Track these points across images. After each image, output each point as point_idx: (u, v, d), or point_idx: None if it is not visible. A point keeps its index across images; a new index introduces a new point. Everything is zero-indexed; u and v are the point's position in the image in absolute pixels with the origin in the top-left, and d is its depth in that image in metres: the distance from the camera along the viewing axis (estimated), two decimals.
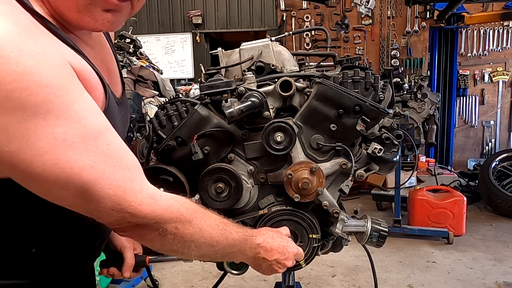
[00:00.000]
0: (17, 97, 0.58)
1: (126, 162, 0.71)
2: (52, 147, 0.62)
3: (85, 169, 0.65)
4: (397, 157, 1.20)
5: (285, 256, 0.98)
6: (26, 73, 0.59)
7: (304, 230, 1.11)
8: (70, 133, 0.63)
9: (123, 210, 0.70)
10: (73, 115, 0.64)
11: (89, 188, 0.66)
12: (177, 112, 1.10)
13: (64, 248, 0.83)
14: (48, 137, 0.62)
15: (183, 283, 3.27)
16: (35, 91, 0.60)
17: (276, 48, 1.28)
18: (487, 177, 4.87)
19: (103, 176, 0.67)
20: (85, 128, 0.65)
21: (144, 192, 0.73)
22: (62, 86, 0.63)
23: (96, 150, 0.66)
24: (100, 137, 0.67)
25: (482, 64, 6.61)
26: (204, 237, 0.83)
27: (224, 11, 6.93)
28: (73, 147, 0.64)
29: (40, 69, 0.60)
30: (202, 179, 1.09)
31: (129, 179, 0.71)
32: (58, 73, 0.63)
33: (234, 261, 1.11)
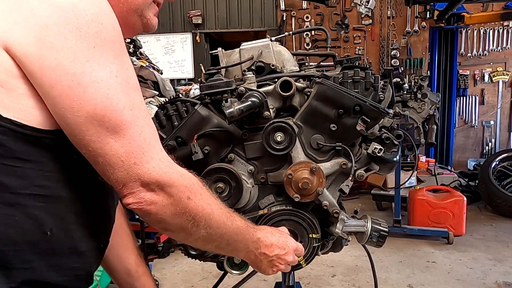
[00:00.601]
0: (94, 27, 0.68)
1: (151, 123, 0.77)
2: (107, 79, 0.69)
3: (126, 108, 0.71)
4: (397, 157, 1.20)
5: (285, 251, 0.99)
6: (104, 11, 0.71)
7: (304, 230, 1.11)
8: (121, 74, 0.71)
9: (144, 164, 0.72)
10: (125, 62, 0.73)
11: (124, 128, 0.71)
12: (177, 112, 1.11)
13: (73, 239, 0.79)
14: (106, 69, 0.69)
15: (183, 283, 3.27)
16: (107, 28, 0.70)
17: (276, 48, 1.28)
18: (487, 177, 4.87)
19: (137, 123, 0.72)
20: (129, 78, 0.73)
21: (164, 153, 0.77)
22: (121, 36, 0.74)
23: (134, 99, 0.73)
24: (137, 91, 0.75)
25: (482, 64, 6.61)
26: (213, 213, 0.83)
27: (224, 11, 6.93)
28: (121, 86, 0.71)
29: (113, 16, 0.73)
30: (202, 179, 1.09)
31: (154, 137, 0.76)
32: (119, 27, 0.74)
33: (234, 260, 1.11)
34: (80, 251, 0.81)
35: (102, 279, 2.73)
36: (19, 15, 0.66)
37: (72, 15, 0.67)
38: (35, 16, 0.66)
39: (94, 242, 0.86)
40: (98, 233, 0.88)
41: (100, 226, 0.88)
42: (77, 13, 0.67)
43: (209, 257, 1.20)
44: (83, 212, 0.80)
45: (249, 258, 0.99)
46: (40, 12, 0.66)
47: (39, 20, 0.66)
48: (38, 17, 0.66)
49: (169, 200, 0.76)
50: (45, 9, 0.66)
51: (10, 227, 0.69)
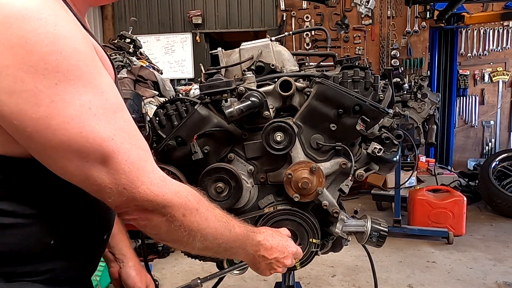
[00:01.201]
0: (53, 60, 0.60)
1: (139, 141, 0.72)
2: (78, 114, 0.62)
3: (106, 140, 0.65)
4: (397, 157, 1.20)
5: (285, 254, 0.98)
6: (62, 37, 0.61)
7: (305, 233, 1.11)
8: (94, 103, 0.64)
9: (134, 189, 0.70)
10: (98, 86, 0.65)
11: (108, 160, 0.66)
12: (177, 111, 1.11)
13: (77, 239, 0.82)
14: (75, 104, 0.62)
15: (183, 283, 3.27)
16: (69, 56, 0.61)
17: (276, 48, 1.28)
18: (487, 177, 4.87)
19: (121, 150, 0.67)
20: (107, 101, 0.66)
21: (156, 173, 0.73)
22: (91, 56, 0.65)
23: (115, 124, 0.67)
24: (118, 113, 0.68)
25: (482, 64, 6.61)
26: (209, 227, 0.82)
27: (224, 11, 6.93)
28: (97, 117, 0.64)
29: (74, 35, 0.62)
30: (202, 178, 1.09)
31: (143, 158, 0.71)
32: (87, 43, 0.65)
33: (233, 259, 1.11)
34: (83, 249, 0.84)
35: (102, 279, 2.73)
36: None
37: (24, 52, 0.59)
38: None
39: (97, 236, 0.89)
40: (101, 227, 0.90)
41: (101, 222, 0.89)
42: (30, 49, 0.59)
43: (209, 257, 1.20)
44: (84, 215, 0.81)
45: (248, 259, 0.99)
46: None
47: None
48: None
49: (163, 218, 0.75)
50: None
51: (13, 245, 0.71)
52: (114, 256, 1.13)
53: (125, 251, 1.13)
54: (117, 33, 5.66)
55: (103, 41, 6.97)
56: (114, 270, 1.14)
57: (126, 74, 3.48)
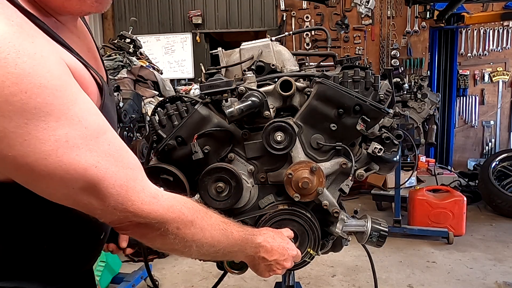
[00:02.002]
0: (17, 101, 0.57)
1: (127, 161, 0.71)
2: (55, 149, 0.61)
3: (89, 169, 0.65)
4: (397, 157, 1.20)
5: (285, 257, 0.98)
6: (24, 75, 0.58)
7: (306, 233, 1.10)
8: (71, 134, 0.63)
9: (125, 210, 0.70)
10: (73, 117, 0.63)
11: (93, 188, 0.66)
12: (177, 111, 1.10)
13: (73, 242, 0.83)
14: (50, 140, 0.61)
15: (183, 283, 3.27)
16: (35, 93, 0.58)
17: (276, 48, 1.28)
18: (487, 177, 4.87)
19: (107, 176, 0.67)
20: (86, 129, 0.65)
21: (146, 191, 0.73)
22: (61, 86, 0.62)
23: (98, 150, 0.66)
24: (101, 137, 0.67)
25: (482, 64, 6.60)
26: (205, 237, 0.83)
27: (224, 11, 6.93)
28: (76, 148, 0.63)
29: (39, 70, 0.59)
30: (202, 178, 1.09)
31: (132, 178, 0.71)
32: (56, 73, 0.62)
33: (234, 260, 1.11)
34: (78, 251, 0.85)
35: (102, 279, 2.73)
36: None
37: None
38: None
39: (92, 236, 0.90)
40: (97, 229, 0.91)
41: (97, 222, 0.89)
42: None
43: None
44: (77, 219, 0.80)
45: (247, 260, 1.00)
46: None
47: None
48: None
49: (158, 232, 0.76)
50: None
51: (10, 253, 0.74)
52: None
53: None
54: (117, 33, 5.66)
55: (103, 41, 6.97)
56: None
57: (126, 74, 3.48)
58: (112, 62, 3.49)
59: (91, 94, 0.73)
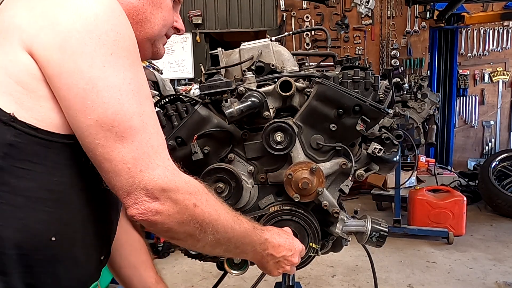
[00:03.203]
0: (113, 36, 0.71)
1: (161, 132, 0.78)
2: (120, 84, 0.71)
3: (136, 115, 0.73)
4: (397, 157, 1.20)
5: (292, 252, 0.99)
6: (123, 24, 0.75)
7: (306, 233, 1.11)
8: (134, 82, 0.73)
9: (150, 172, 0.72)
10: (139, 71, 0.75)
11: (133, 134, 0.72)
12: (176, 112, 1.11)
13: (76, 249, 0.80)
14: (120, 75, 0.72)
15: (183, 283, 3.27)
16: (125, 38, 0.74)
17: (276, 48, 1.28)
18: (487, 177, 4.87)
19: (146, 130, 0.73)
20: (142, 86, 0.75)
21: (170, 162, 0.77)
22: (137, 48, 0.77)
23: (145, 107, 0.75)
24: (148, 100, 0.77)
25: (482, 64, 6.60)
26: (220, 219, 0.82)
27: (224, 11, 6.92)
28: (133, 93, 0.73)
29: (130, 27, 0.76)
30: (202, 179, 1.09)
31: (161, 145, 0.76)
32: (134, 38, 0.77)
33: (234, 260, 1.11)
34: (80, 261, 0.81)
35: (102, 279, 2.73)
36: (46, 21, 0.70)
37: (94, 24, 0.71)
38: (60, 23, 0.70)
39: (95, 253, 0.86)
40: (100, 244, 0.88)
41: (102, 237, 0.88)
42: (98, 22, 0.71)
43: (209, 257, 1.20)
44: (88, 221, 0.81)
45: (256, 259, 0.99)
46: (65, 20, 0.70)
47: (63, 27, 0.70)
48: (62, 24, 0.70)
49: (175, 208, 0.75)
50: (70, 17, 0.70)
51: (17, 231, 0.70)
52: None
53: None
54: None
55: None
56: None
57: None
58: None
59: None
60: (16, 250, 0.71)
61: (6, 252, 0.70)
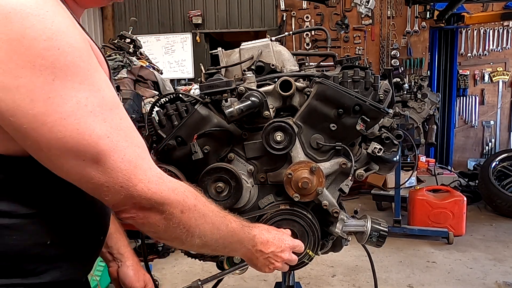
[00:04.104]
0: (50, 56, 0.59)
1: (136, 139, 0.72)
2: (75, 111, 0.62)
3: (102, 138, 0.65)
4: (397, 157, 1.20)
5: (281, 248, 0.98)
6: (59, 32, 0.60)
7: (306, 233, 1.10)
8: (91, 100, 0.64)
9: (131, 187, 0.69)
10: (95, 83, 0.65)
11: (103, 159, 0.66)
12: (177, 111, 1.10)
13: (74, 240, 0.82)
14: (72, 101, 0.62)
15: (183, 283, 3.27)
16: (66, 52, 0.61)
17: (276, 48, 1.28)
18: (487, 177, 4.87)
19: (117, 149, 0.67)
20: (103, 99, 0.66)
21: (153, 171, 0.73)
22: (88, 51, 0.65)
23: (112, 122, 0.67)
24: (114, 110, 0.68)
25: (482, 64, 6.60)
26: (207, 222, 0.83)
27: (224, 11, 6.93)
28: (93, 114, 0.64)
29: (71, 31, 0.62)
30: (202, 178, 1.09)
31: (140, 156, 0.71)
32: (83, 39, 0.65)
33: (234, 260, 1.11)
34: (80, 250, 0.83)
35: (102, 279, 2.73)
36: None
37: (22, 47, 0.58)
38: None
39: (94, 237, 0.88)
40: (98, 228, 0.90)
41: (99, 222, 0.89)
42: (27, 44, 0.58)
43: (209, 257, 1.20)
44: (81, 216, 0.81)
45: (246, 256, 0.99)
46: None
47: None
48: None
49: (162, 215, 0.75)
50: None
51: (11, 246, 0.71)
52: (112, 256, 1.13)
53: (122, 250, 1.13)
54: (117, 33, 5.66)
55: (103, 41, 6.97)
56: (113, 269, 1.14)
57: (126, 74, 3.48)
58: (112, 62, 3.49)
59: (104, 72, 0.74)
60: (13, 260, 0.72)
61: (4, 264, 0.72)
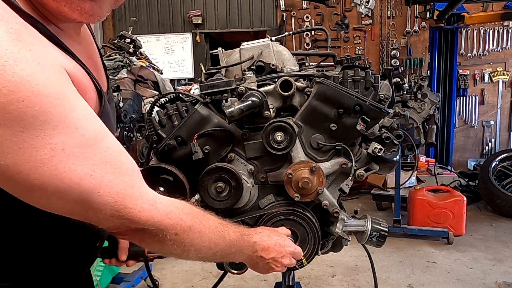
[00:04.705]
0: (14, 109, 0.56)
1: (125, 167, 0.70)
2: (50, 158, 0.60)
3: (84, 178, 0.63)
4: (397, 157, 1.20)
5: (282, 254, 0.99)
6: (22, 83, 0.56)
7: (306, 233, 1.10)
8: (68, 142, 0.61)
9: (122, 217, 0.69)
10: (70, 124, 0.62)
11: (88, 197, 0.65)
12: (177, 111, 1.10)
13: (68, 249, 0.84)
14: (46, 148, 0.60)
15: (183, 283, 3.27)
16: (32, 102, 0.57)
17: (276, 48, 1.28)
18: (487, 177, 4.87)
19: (102, 184, 0.65)
20: (83, 137, 0.63)
21: (144, 198, 0.72)
22: (58, 94, 0.61)
23: (94, 158, 0.65)
24: (98, 144, 0.66)
25: (482, 64, 6.61)
26: (203, 241, 0.83)
27: (224, 11, 6.93)
28: (72, 156, 0.62)
29: (36, 78, 0.58)
30: (202, 178, 1.09)
31: (129, 185, 0.70)
32: (54, 81, 0.61)
33: (233, 261, 1.11)
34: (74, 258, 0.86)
35: (102, 279, 2.73)
36: None
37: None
38: None
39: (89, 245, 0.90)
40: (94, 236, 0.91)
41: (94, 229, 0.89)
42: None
43: None
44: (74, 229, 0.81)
45: (246, 260, 1.00)
46: None
47: None
48: None
49: (156, 238, 0.76)
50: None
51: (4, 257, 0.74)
52: None
53: None
54: (117, 33, 5.66)
55: (103, 41, 6.97)
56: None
57: (126, 74, 3.48)
58: (112, 62, 3.49)
59: (90, 100, 0.72)
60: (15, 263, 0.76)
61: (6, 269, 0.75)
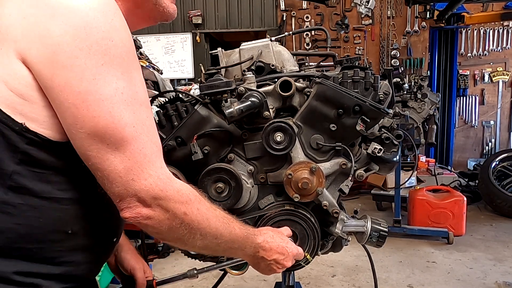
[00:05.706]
0: (104, 44, 0.70)
1: (155, 139, 0.78)
2: (112, 96, 0.71)
3: (128, 126, 0.72)
4: (397, 157, 1.20)
5: (284, 256, 0.99)
6: (116, 28, 0.73)
7: (306, 233, 1.10)
8: (127, 91, 0.72)
9: (142, 181, 0.74)
10: (133, 78, 0.74)
11: (125, 145, 0.72)
12: (176, 112, 1.10)
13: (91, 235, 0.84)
14: (111, 86, 0.71)
15: (183, 283, 3.27)
16: (117, 45, 0.72)
17: (276, 48, 1.28)
18: (487, 177, 4.87)
19: (138, 140, 0.74)
20: (136, 93, 0.74)
21: (163, 170, 0.78)
22: (133, 51, 0.76)
23: (139, 116, 0.74)
24: (143, 107, 0.76)
25: (482, 64, 6.61)
26: (210, 226, 0.85)
27: (224, 11, 6.92)
28: (126, 103, 0.72)
29: (125, 30, 0.75)
30: (202, 179, 1.09)
31: (155, 153, 0.77)
32: (131, 40, 0.76)
33: (233, 257, 1.11)
34: (95, 246, 0.86)
35: (102, 279, 2.72)
36: (37, 33, 0.69)
37: (84, 34, 0.69)
38: (50, 35, 0.69)
39: (108, 237, 0.92)
40: (113, 229, 0.92)
41: (114, 223, 0.91)
42: (89, 31, 0.70)
43: (209, 257, 1.20)
44: (101, 212, 0.84)
45: (247, 259, 1.01)
46: (55, 32, 0.69)
47: (53, 39, 0.69)
48: (52, 36, 0.69)
49: (165, 215, 0.78)
50: (60, 28, 0.69)
51: (35, 228, 0.75)
52: None
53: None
54: None
55: None
56: (111, 259, 1.16)
57: None
58: None
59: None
60: (36, 244, 0.76)
61: (28, 246, 0.75)
